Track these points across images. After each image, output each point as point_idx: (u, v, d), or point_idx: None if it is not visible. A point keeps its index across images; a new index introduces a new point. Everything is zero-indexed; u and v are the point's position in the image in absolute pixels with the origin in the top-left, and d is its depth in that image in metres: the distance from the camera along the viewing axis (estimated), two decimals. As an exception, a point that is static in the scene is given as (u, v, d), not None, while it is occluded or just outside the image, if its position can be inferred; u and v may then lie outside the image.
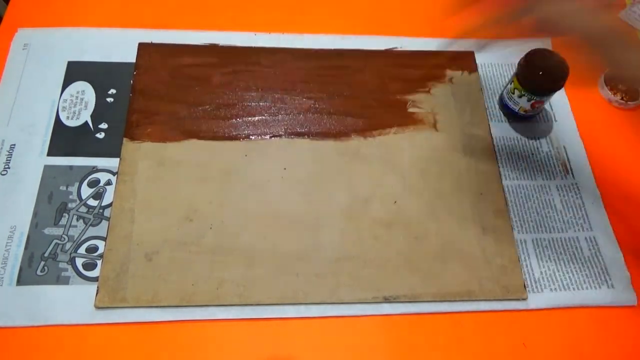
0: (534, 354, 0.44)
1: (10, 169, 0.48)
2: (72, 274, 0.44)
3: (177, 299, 0.43)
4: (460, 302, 0.45)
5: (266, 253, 0.46)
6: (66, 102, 0.52)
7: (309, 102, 0.54)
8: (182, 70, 0.55)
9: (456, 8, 0.40)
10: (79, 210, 0.46)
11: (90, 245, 0.45)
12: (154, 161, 0.49)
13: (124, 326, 0.42)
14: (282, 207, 0.48)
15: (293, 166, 0.50)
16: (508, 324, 0.45)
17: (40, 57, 0.54)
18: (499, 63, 0.59)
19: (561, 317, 0.44)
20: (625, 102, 0.57)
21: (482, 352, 0.43)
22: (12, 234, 0.45)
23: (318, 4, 0.62)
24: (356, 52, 0.58)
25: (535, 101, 0.52)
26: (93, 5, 0.59)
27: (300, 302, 0.44)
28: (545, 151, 0.54)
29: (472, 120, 0.54)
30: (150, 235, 0.45)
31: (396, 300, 0.45)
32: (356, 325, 0.44)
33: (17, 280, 0.43)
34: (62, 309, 0.42)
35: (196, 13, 0.60)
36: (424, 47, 0.59)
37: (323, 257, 0.46)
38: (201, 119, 0.52)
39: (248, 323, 0.43)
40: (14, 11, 0.57)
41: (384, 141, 0.52)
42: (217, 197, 0.48)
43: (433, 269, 0.46)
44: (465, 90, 0.56)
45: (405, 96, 0.55)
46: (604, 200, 0.51)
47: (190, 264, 0.45)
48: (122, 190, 0.47)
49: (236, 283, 0.44)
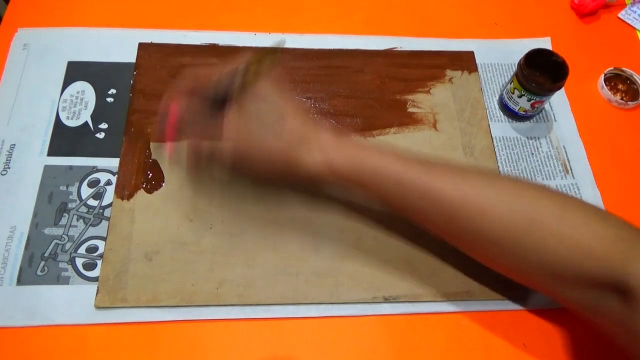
0: (534, 354, 0.44)
1: (10, 169, 0.48)
2: (72, 274, 0.44)
3: (177, 299, 0.43)
4: (460, 302, 0.45)
5: (266, 253, 0.46)
6: (66, 102, 0.52)
7: (308, 102, 0.54)
8: (182, 70, 0.55)
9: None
10: (79, 210, 0.46)
11: (90, 245, 0.45)
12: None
13: (124, 326, 0.42)
14: (282, 207, 0.48)
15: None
16: (508, 324, 0.45)
17: (40, 57, 0.54)
18: (499, 63, 0.59)
19: (561, 317, 0.44)
20: (625, 102, 0.57)
21: (482, 352, 0.43)
22: (12, 234, 0.45)
23: (318, 4, 0.62)
24: (356, 52, 0.58)
25: (535, 101, 0.52)
26: (93, 5, 0.59)
27: (300, 302, 0.44)
28: (545, 151, 0.54)
29: (472, 120, 0.54)
30: (150, 235, 0.45)
31: (396, 300, 0.45)
32: (356, 325, 0.44)
33: (17, 280, 0.43)
34: (62, 309, 0.42)
35: (196, 13, 0.60)
36: (424, 47, 0.59)
37: (323, 257, 0.46)
38: (201, 119, 0.52)
39: (248, 323, 0.43)
40: (14, 11, 0.57)
41: (384, 141, 0.52)
42: (217, 197, 0.48)
43: (433, 269, 0.46)
44: (465, 90, 0.56)
45: (405, 96, 0.55)
46: (604, 200, 0.51)
47: (190, 264, 0.45)
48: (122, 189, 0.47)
49: (236, 283, 0.44)
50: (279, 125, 0.38)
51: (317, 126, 0.40)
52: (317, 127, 0.40)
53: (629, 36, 0.64)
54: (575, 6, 0.64)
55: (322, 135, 0.39)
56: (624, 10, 0.65)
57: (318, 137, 0.39)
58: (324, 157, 0.39)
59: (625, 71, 0.59)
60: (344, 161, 0.39)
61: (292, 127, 0.39)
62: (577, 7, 0.64)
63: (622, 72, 0.59)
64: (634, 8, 0.65)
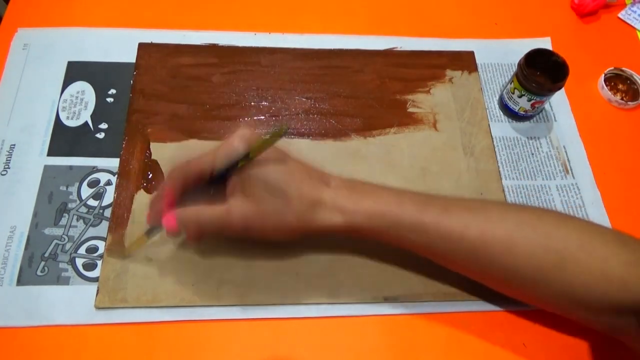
0: (534, 354, 0.44)
1: (10, 169, 0.48)
2: (72, 274, 0.44)
3: (177, 299, 0.43)
4: (460, 302, 0.45)
5: (266, 253, 0.46)
6: (66, 102, 0.52)
7: (308, 102, 0.54)
8: (182, 70, 0.55)
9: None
10: (79, 211, 0.46)
11: (90, 246, 0.45)
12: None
13: (124, 326, 0.42)
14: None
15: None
16: (508, 324, 0.45)
17: (40, 57, 0.54)
18: (499, 63, 0.59)
19: (561, 317, 0.43)
20: (625, 102, 0.57)
21: (482, 352, 0.43)
22: (12, 234, 0.45)
23: (318, 4, 0.62)
24: (356, 52, 0.58)
25: (535, 101, 0.52)
26: (93, 5, 0.59)
27: (300, 302, 0.44)
28: (545, 151, 0.54)
29: (472, 120, 0.54)
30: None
31: (396, 300, 0.45)
32: (356, 325, 0.44)
33: (17, 281, 0.43)
34: (62, 309, 0.42)
35: (196, 13, 0.60)
36: (424, 47, 0.59)
37: (323, 257, 0.46)
38: (201, 119, 0.52)
39: (248, 323, 0.43)
40: (14, 11, 0.57)
41: (384, 141, 0.52)
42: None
43: (433, 269, 0.46)
44: (465, 90, 0.56)
45: (405, 96, 0.55)
46: (604, 200, 0.51)
47: (190, 264, 0.45)
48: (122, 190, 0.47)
49: (236, 283, 0.44)
50: (288, 196, 0.37)
51: (329, 186, 0.39)
52: (329, 187, 0.39)
53: (629, 36, 0.64)
54: (575, 6, 0.64)
55: (337, 194, 0.38)
56: (624, 10, 0.65)
57: (334, 198, 0.38)
58: (343, 218, 0.38)
59: (626, 71, 0.59)
60: (363, 218, 0.38)
61: (302, 194, 0.37)
62: (577, 7, 0.64)
63: (622, 72, 0.59)
64: (634, 8, 0.65)
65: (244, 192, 0.37)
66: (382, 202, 0.39)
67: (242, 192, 0.37)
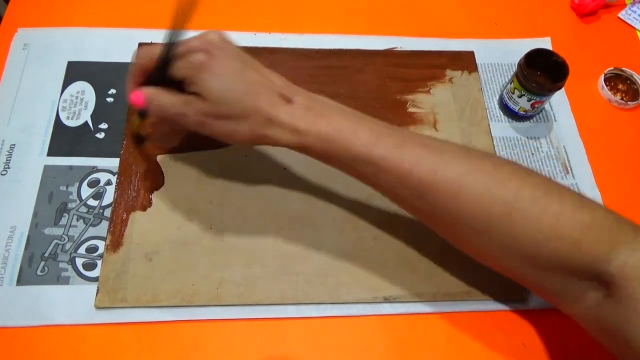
0: (534, 354, 0.44)
1: (10, 169, 0.48)
2: (72, 274, 0.44)
3: (177, 299, 0.43)
4: (460, 302, 0.45)
5: (266, 253, 0.46)
6: (66, 102, 0.52)
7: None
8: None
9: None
10: (79, 210, 0.46)
11: (90, 246, 0.45)
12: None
13: (124, 326, 0.42)
14: (282, 207, 0.48)
15: (293, 166, 0.50)
16: (508, 324, 0.45)
17: (40, 57, 0.54)
18: (499, 63, 0.59)
19: (561, 317, 0.43)
20: (625, 102, 0.57)
21: (482, 352, 0.43)
22: (12, 234, 0.45)
23: (318, 4, 0.62)
24: (356, 52, 0.58)
25: (535, 101, 0.52)
26: (93, 5, 0.59)
27: (300, 302, 0.44)
28: (545, 151, 0.54)
29: (472, 120, 0.54)
30: (150, 235, 0.45)
31: (396, 300, 0.45)
32: (356, 325, 0.44)
33: (17, 280, 0.43)
34: (62, 309, 0.42)
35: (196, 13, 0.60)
36: (424, 47, 0.59)
37: (323, 257, 0.46)
38: (201, 119, 0.52)
39: (248, 323, 0.43)
40: (14, 11, 0.57)
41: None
42: (217, 197, 0.48)
43: (433, 269, 0.46)
44: (465, 90, 0.56)
45: (405, 96, 0.55)
46: (604, 200, 0.51)
47: (190, 264, 0.45)
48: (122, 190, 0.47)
49: (236, 283, 0.44)
50: (243, 108, 0.37)
51: (289, 102, 0.38)
52: (289, 103, 0.38)
53: (629, 36, 0.64)
54: (575, 6, 0.64)
55: (294, 113, 0.37)
56: (624, 10, 0.65)
57: (289, 116, 0.37)
58: (295, 137, 0.37)
59: (626, 71, 0.59)
60: (314, 139, 0.37)
61: (258, 109, 0.37)
62: (577, 7, 0.64)
63: (622, 72, 0.59)
64: (634, 8, 0.65)
65: (203, 92, 0.37)
66: (336, 126, 0.37)
67: (202, 92, 0.37)
